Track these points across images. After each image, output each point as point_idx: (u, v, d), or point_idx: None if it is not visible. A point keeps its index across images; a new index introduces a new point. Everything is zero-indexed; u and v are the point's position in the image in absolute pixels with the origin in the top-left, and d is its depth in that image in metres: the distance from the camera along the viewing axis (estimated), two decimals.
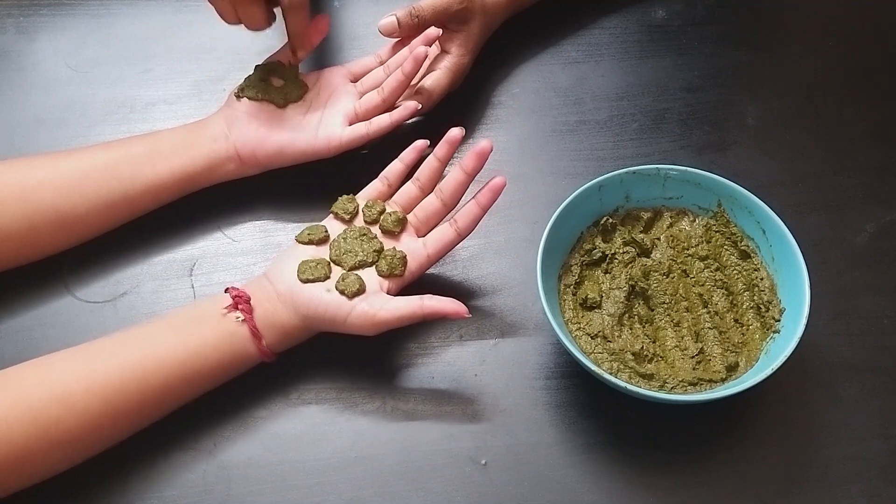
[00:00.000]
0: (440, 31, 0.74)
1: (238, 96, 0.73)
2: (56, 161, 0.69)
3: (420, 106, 0.73)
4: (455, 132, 0.68)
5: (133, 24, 0.87)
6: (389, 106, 0.74)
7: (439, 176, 0.70)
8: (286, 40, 0.76)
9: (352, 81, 0.76)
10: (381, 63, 0.77)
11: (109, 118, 0.80)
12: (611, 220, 0.69)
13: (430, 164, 0.69)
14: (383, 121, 0.72)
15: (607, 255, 0.69)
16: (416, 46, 0.72)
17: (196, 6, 0.86)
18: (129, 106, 0.81)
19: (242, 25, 0.71)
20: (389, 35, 0.75)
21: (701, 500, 0.62)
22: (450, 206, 0.69)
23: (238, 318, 0.62)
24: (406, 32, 0.74)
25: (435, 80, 0.76)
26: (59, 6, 0.88)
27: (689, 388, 0.63)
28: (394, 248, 0.66)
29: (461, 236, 0.67)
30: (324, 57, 0.81)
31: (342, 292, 0.63)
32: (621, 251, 0.69)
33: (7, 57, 0.84)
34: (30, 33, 0.86)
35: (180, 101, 0.81)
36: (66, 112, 0.80)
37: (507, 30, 0.83)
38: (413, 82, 0.75)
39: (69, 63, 0.84)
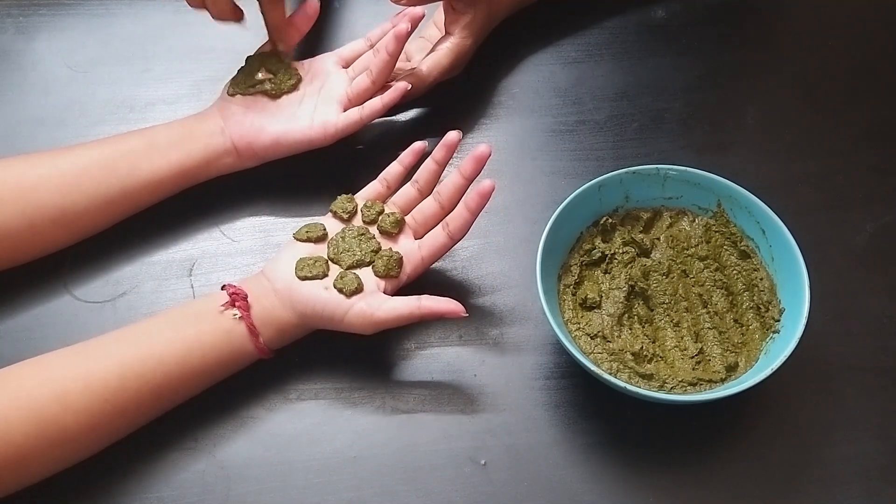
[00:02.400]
0: (423, 12, 0.73)
1: (231, 91, 0.73)
2: (54, 158, 0.69)
3: (409, 86, 0.73)
4: (452, 135, 0.68)
5: (133, 24, 0.87)
6: (379, 87, 0.74)
7: (437, 178, 0.70)
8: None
9: (343, 67, 0.76)
10: (371, 46, 0.76)
11: (109, 118, 0.80)
12: (610, 220, 0.69)
13: (428, 166, 0.69)
14: (375, 104, 0.72)
15: (607, 255, 0.68)
16: (398, 24, 0.72)
17: None
18: (129, 106, 0.81)
19: (208, 14, 0.71)
20: (397, 2, 0.74)
21: (701, 500, 0.62)
22: (447, 209, 0.68)
23: (235, 315, 0.62)
24: (413, 1, 0.74)
25: (435, 60, 0.76)
26: (59, 6, 0.88)
27: (688, 388, 0.63)
28: (390, 248, 0.66)
29: (453, 240, 0.67)
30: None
31: (340, 291, 0.63)
32: (621, 251, 0.69)
33: (7, 57, 0.84)
34: (30, 33, 0.86)
35: (180, 101, 0.81)
36: (65, 112, 0.80)
37: (507, 29, 0.83)
38: (413, 64, 0.76)
39: (69, 63, 0.84)
